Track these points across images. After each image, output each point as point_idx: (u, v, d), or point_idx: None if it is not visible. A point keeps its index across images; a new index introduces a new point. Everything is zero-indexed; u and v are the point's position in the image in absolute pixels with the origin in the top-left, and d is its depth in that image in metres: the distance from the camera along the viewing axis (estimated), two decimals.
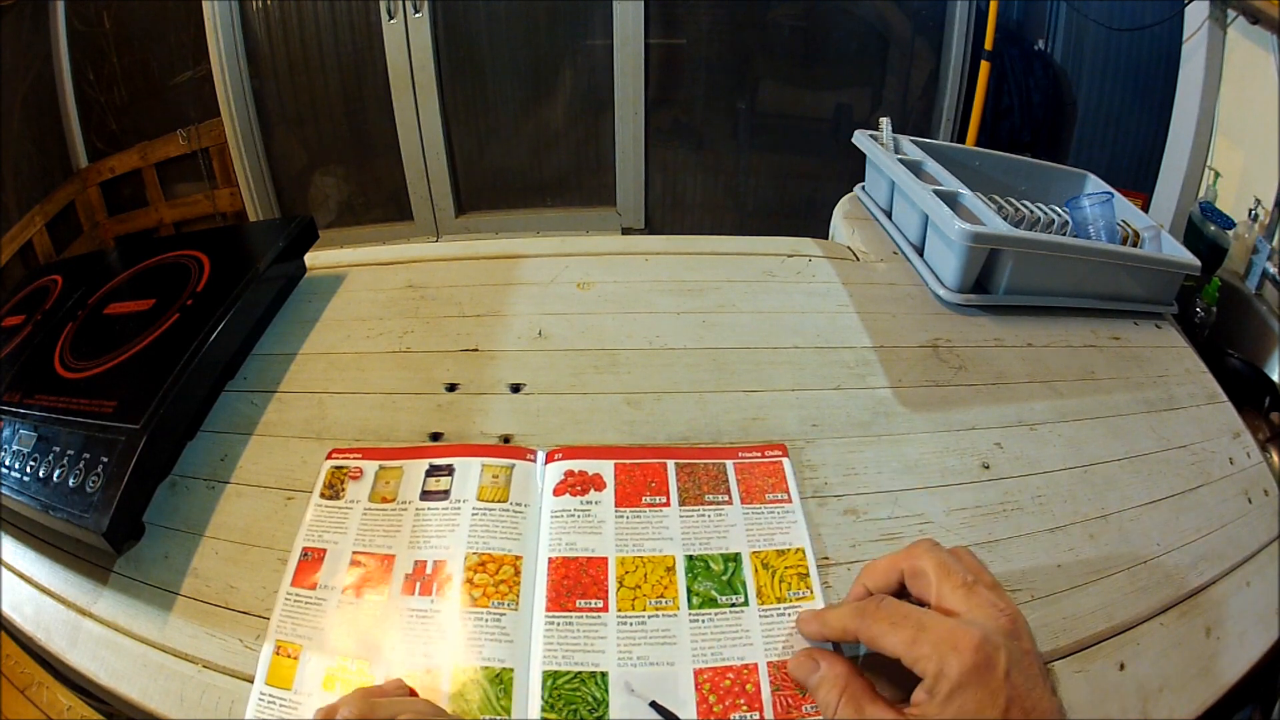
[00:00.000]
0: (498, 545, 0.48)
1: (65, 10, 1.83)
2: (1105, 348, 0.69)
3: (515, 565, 0.47)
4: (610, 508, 0.50)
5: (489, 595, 0.46)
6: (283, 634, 0.45)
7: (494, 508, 0.50)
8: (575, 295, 0.70)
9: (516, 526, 0.49)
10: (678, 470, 0.53)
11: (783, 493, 0.52)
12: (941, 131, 1.94)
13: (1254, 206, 1.06)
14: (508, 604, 0.45)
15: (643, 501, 0.51)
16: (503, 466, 0.52)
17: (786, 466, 0.54)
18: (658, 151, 2.03)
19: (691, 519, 0.50)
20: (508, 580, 0.46)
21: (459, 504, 0.50)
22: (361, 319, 0.68)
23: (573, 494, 0.51)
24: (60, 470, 0.51)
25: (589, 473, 0.52)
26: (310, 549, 0.49)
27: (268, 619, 0.46)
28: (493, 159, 2.07)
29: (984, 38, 1.76)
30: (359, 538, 0.49)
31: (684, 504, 0.51)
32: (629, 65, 1.90)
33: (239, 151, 1.94)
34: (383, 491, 0.52)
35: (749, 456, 0.55)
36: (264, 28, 1.89)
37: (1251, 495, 0.58)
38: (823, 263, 0.76)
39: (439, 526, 0.49)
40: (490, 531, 0.49)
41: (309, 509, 0.52)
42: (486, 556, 0.47)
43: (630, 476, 0.52)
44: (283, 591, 0.47)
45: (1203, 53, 1.41)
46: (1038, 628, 0.46)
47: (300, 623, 0.46)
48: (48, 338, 0.64)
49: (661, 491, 0.52)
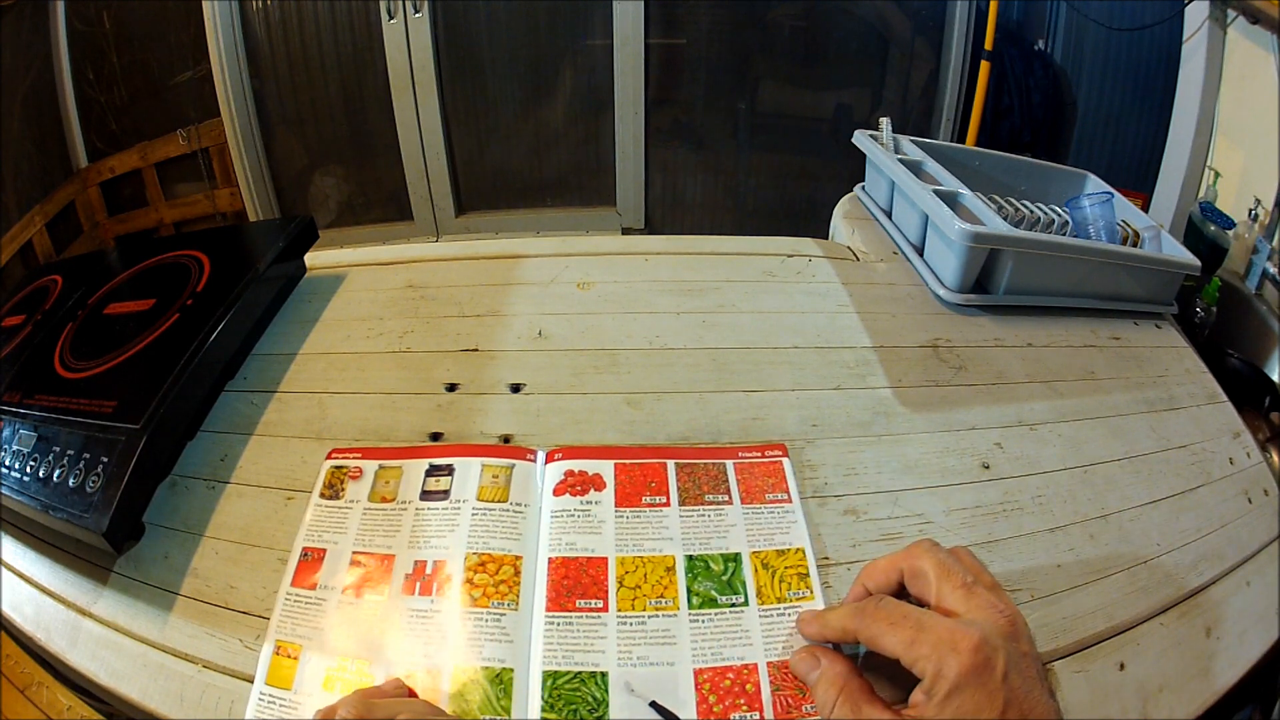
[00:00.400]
0: (498, 545, 0.48)
1: (65, 10, 1.83)
2: (1105, 348, 0.69)
3: (515, 565, 0.47)
4: (610, 507, 0.50)
5: (489, 595, 0.46)
6: (283, 634, 0.45)
7: (494, 508, 0.50)
8: (575, 295, 0.70)
9: (516, 526, 0.49)
10: (678, 470, 0.53)
11: (783, 492, 0.52)
12: (941, 131, 1.94)
13: (1254, 206, 1.06)
14: (508, 604, 0.45)
15: (643, 501, 0.51)
16: (503, 466, 0.53)
17: (786, 466, 0.54)
18: (658, 151, 2.03)
19: (691, 519, 0.50)
20: (508, 580, 0.46)
21: (459, 504, 0.50)
22: (361, 319, 0.68)
23: (573, 494, 0.51)
24: (60, 470, 0.51)
25: (589, 473, 0.52)
26: (310, 549, 0.49)
27: (267, 619, 0.46)
28: (493, 159, 2.07)
29: (984, 38, 1.76)
30: (359, 537, 0.49)
31: (684, 504, 0.51)
32: (629, 65, 1.90)
33: (239, 151, 1.94)
34: (382, 491, 0.52)
35: (749, 456, 0.55)
36: (264, 28, 1.89)
37: (1251, 495, 0.58)
38: (823, 263, 0.76)
39: (439, 526, 0.49)
40: (490, 531, 0.49)
41: (308, 509, 0.52)
42: (486, 556, 0.47)
43: (630, 476, 0.52)
44: (282, 591, 0.47)
45: (1203, 53, 1.41)
46: (1038, 628, 0.46)
47: (300, 623, 0.46)
48: (48, 338, 0.64)
49: (661, 491, 0.52)
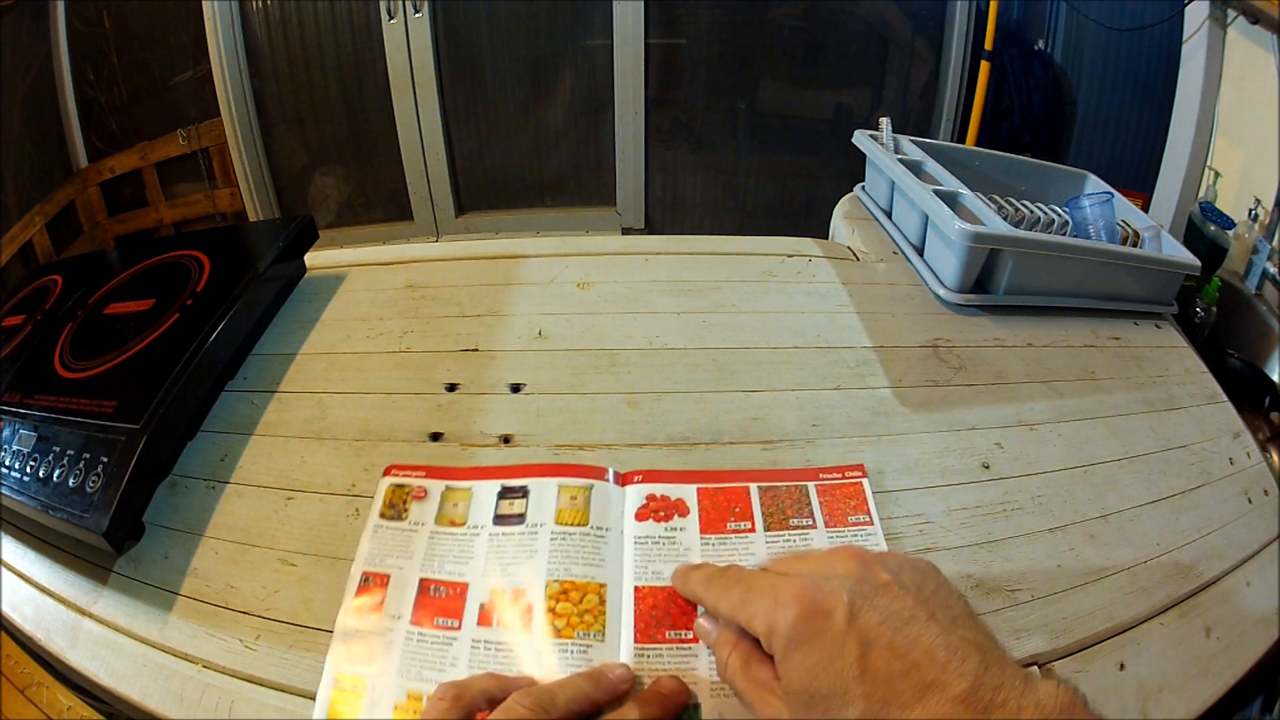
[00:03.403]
0: (580, 572, 0.45)
1: (65, 10, 1.83)
2: (1105, 348, 0.69)
3: (600, 594, 0.44)
4: (695, 534, 0.48)
5: (573, 625, 0.43)
6: (342, 667, 0.42)
7: (574, 531, 0.47)
8: (575, 295, 0.70)
9: (599, 552, 0.46)
10: (760, 494, 0.51)
11: (864, 514, 0.50)
12: (941, 131, 1.94)
13: (1254, 206, 1.06)
14: (593, 634, 0.43)
15: (728, 528, 0.49)
16: (581, 487, 0.50)
17: (866, 487, 0.52)
18: (658, 151, 2.03)
19: (778, 544, 0.48)
20: (592, 610, 0.44)
21: (536, 528, 0.47)
22: (361, 319, 0.68)
23: (655, 520, 0.49)
24: (60, 470, 0.51)
25: (671, 497, 0.50)
26: (372, 574, 0.46)
27: (267, 619, 0.46)
28: (493, 159, 2.07)
29: (984, 38, 1.76)
30: (427, 563, 0.46)
31: (769, 529, 0.49)
32: (629, 65, 1.90)
33: (239, 151, 1.94)
34: (451, 514, 0.49)
35: (829, 478, 0.53)
36: (264, 28, 1.89)
37: (1251, 495, 0.58)
38: (823, 263, 0.76)
39: (515, 552, 0.46)
40: (571, 558, 0.46)
41: (368, 529, 0.49)
42: (569, 584, 0.44)
43: (714, 501, 0.50)
44: (343, 620, 0.44)
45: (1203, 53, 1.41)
46: (1038, 628, 0.46)
47: (362, 657, 0.42)
48: (48, 338, 0.64)
49: (746, 516, 0.49)
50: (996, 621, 0.46)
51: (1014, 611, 0.47)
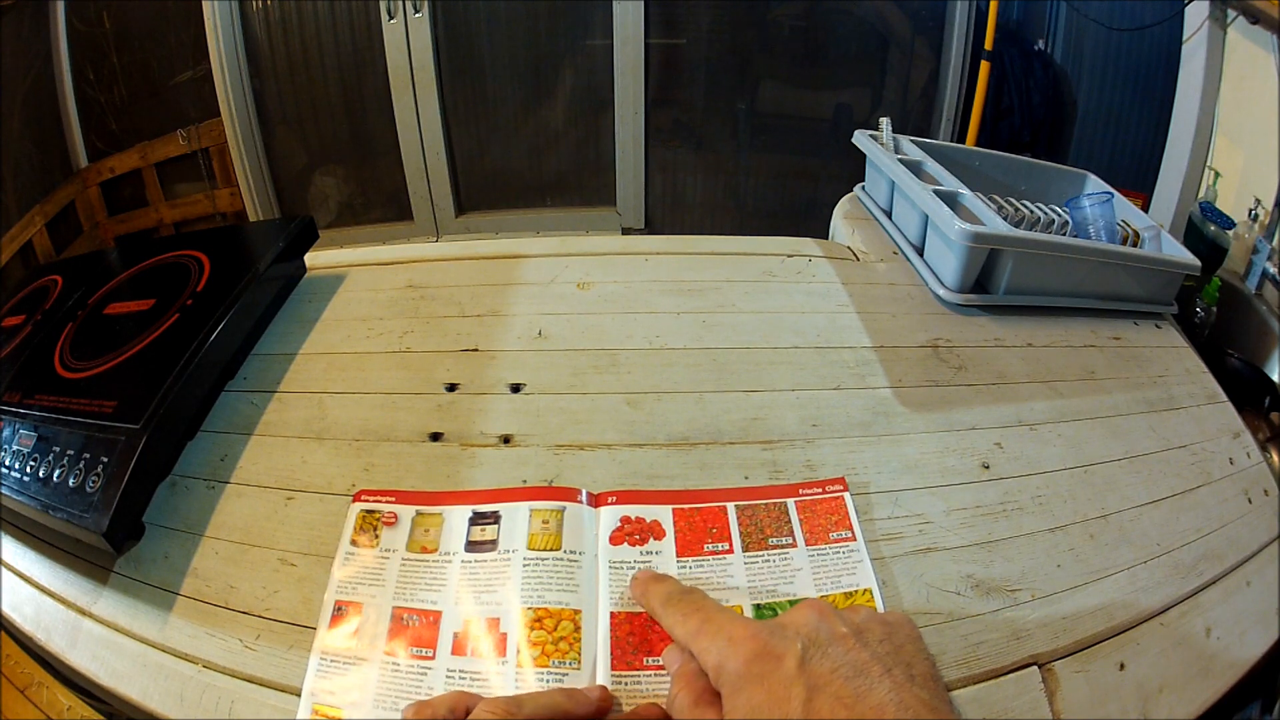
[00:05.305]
0: (554, 598, 0.45)
1: (65, 10, 1.83)
2: (1105, 348, 0.69)
3: (575, 620, 0.44)
4: (672, 557, 0.47)
5: (548, 654, 0.42)
6: (320, 699, 0.42)
7: (546, 556, 0.47)
8: (575, 295, 0.70)
9: (573, 577, 0.46)
10: (738, 513, 0.50)
11: (846, 530, 0.50)
12: (941, 131, 1.95)
13: (1254, 206, 1.06)
14: (569, 663, 0.42)
15: (705, 549, 0.48)
16: (553, 510, 0.49)
17: (848, 501, 0.51)
18: (658, 151, 2.03)
19: (757, 565, 0.47)
20: (568, 637, 0.43)
21: (509, 554, 0.47)
22: (361, 319, 0.68)
23: (631, 543, 0.48)
24: (60, 470, 0.51)
25: (646, 519, 0.50)
26: (344, 604, 0.45)
27: (267, 619, 0.46)
28: (493, 159, 2.08)
29: (984, 38, 1.76)
30: (399, 591, 0.46)
31: (747, 549, 0.48)
32: (629, 65, 1.90)
33: (239, 151, 1.94)
34: (422, 540, 0.48)
35: (809, 493, 0.52)
36: (264, 28, 1.89)
37: (1251, 495, 0.58)
38: (823, 263, 0.76)
39: (488, 580, 0.46)
40: (545, 584, 0.45)
41: (338, 557, 0.48)
42: (543, 611, 0.44)
43: (690, 523, 0.50)
44: (316, 652, 0.44)
45: (1203, 53, 1.41)
46: (1038, 628, 0.46)
47: (338, 688, 0.42)
48: (48, 338, 0.64)
49: (724, 537, 0.49)
50: (996, 621, 0.46)
51: (1014, 611, 0.47)
